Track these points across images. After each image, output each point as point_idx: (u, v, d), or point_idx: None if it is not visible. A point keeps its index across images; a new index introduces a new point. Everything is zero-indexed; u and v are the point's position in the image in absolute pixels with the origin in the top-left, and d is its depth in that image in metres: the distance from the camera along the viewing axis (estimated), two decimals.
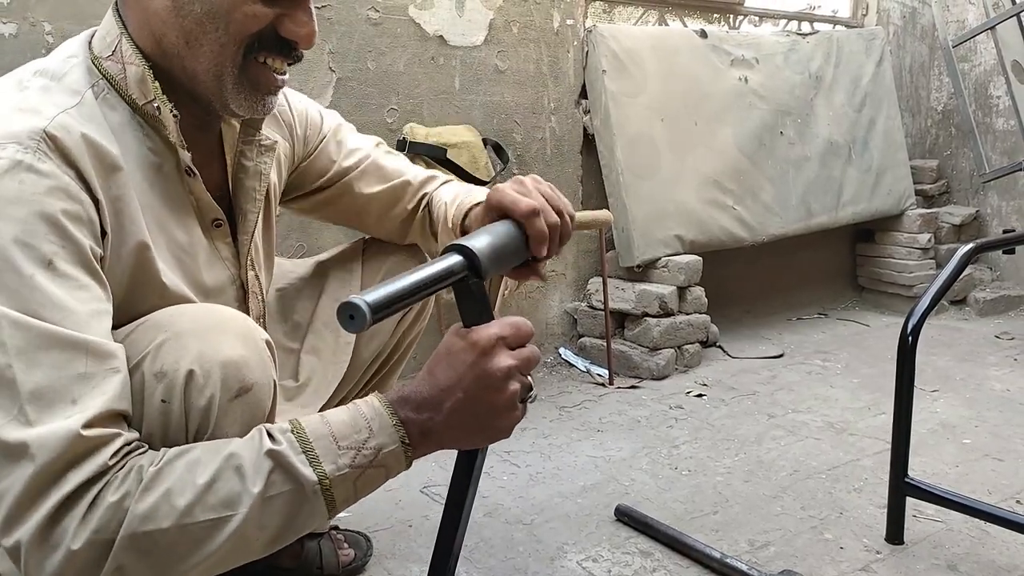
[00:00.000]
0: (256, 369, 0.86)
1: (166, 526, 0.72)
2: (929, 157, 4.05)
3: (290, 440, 0.77)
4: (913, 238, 3.62)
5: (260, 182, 1.05)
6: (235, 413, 0.84)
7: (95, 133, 0.85)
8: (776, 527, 1.66)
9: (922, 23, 3.96)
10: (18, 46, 1.90)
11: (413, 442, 0.81)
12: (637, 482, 1.88)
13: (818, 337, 3.23)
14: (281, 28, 0.90)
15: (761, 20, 3.58)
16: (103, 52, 0.91)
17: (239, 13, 0.87)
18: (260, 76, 0.93)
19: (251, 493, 0.74)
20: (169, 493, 0.72)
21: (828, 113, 3.41)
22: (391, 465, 0.81)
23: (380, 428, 0.80)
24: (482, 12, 2.62)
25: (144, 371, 0.82)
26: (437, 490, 1.82)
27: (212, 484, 0.73)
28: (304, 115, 1.22)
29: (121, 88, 0.90)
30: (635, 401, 2.46)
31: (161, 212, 0.93)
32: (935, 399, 2.45)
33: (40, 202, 0.77)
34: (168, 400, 0.81)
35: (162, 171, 0.93)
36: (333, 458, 0.77)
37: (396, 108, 2.50)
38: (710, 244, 2.96)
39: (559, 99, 2.84)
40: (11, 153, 0.78)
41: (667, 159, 2.90)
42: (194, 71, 0.90)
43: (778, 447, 2.08)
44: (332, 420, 0.80)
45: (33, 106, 0.83)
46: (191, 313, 0.88)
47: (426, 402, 0.81)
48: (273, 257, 1.20)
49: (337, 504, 0.79)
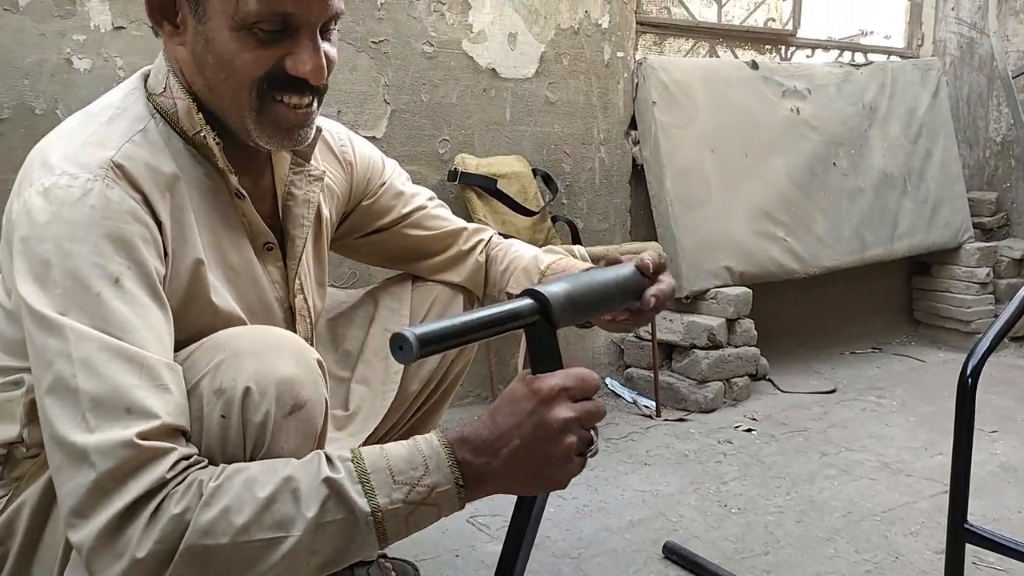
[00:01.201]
0: (308, 387, 0.89)
1: (224, 542, 0.74)
2: (988, 189, 3.96)
3: (348, 469, 0.79)
4: (971, 272, 3.53)
5: (308, 210, 1.09)
6: (289, 429, 0.86)
7: (157, 158, 0.91)
8: (829, 570, 1.62)
9: (980, 53, 3.89)
10: (92, 80, 1.99)
11: (467, 484, 0.81)
12: (685, 518, 1.85)
13: (872, 372, 3.16)
14: (287, 66, 0.93)
15: (814, 51, 3.55)
16: (156, 88, 0.97)
17: (239, 60, 0.91)
18: (279, 114, 0.95)
19: (305, 517, 0.76)
20: (228, 510, 0.75)
21: (883, 144, 3.36)
22: (444, 504, 0.81)
23: (436, 467, 0.80)
24: (533, 45, 2.66)
25: (204, 388, 0.85)
26: (484, 520, 1.83)
27: (270, 505, 0.76)
28: (367, 159, 1.27)
29: (173, 121, 0.96)
30: (683, 434, 2.43)
31: (216, 232, 0.98)
32: (995, 440, 2.37)
33: (109, 225, 0.83)
34: (227, 415, 0.84)
35: (217, 195, 0.98)
36: (388, 491, 0.79)
37: (448, 139, 2.54)
38: (760, 276, 2.93)
39: (608, 130, 2.85)
40: (82, 183, 0.84)
41: (717, 190, 2.89)
42: (222, 112, 0.96)
43: (831, 487, 2.04)
44: (391, 453, 0.81)
45: (101, 138, 0.90)
46: (249, 334, 0.91)
47: (484, 445, 0.81)
48: (325, 285, 1.23)
49: (388, 537, 0.80)
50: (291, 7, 0.89)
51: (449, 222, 1.35)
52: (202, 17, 0.90)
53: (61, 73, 1.97)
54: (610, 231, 2.89)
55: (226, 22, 0.89)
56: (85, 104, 0.99)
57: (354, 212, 1.27)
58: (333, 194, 1.21)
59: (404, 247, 1.33)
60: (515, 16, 2.61)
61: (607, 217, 2.88)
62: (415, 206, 1.32)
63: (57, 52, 1.96)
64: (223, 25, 0.89)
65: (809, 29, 3.51)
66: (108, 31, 2.01)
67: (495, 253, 1.34)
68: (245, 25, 0.89)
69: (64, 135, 0.92)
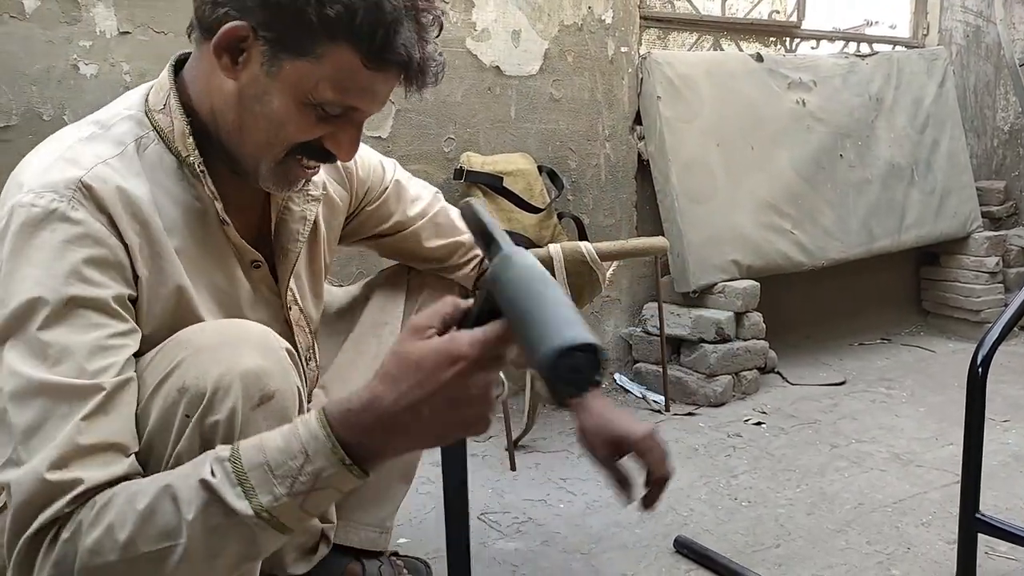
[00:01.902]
0: (277, 377, 0.88)
1: (113, 559, 0.74)
2: (996, 178, 3.94)
3: (226, 471, 0.75)
4: (980, 261, 3.51)
5: (304, 226, 1.10)
6: (259, 422, 0.85)
7: (131, 183, 0.90)
8: (841, 562, 1.62)
9: (986, 42, 3.86)
10: (99, 85, 2.00)
11: (360, 460, 0.74)
12: (696, 512, 1.85)
13: (881, 363, 3.15)
14: (327, 141, 0.95)
15: (818, 42, 3.54)
16: (156, 105, 0.97)
17: (292, 126, 0.92)
18: (295, 171, 0.98)
19: (188, 524, 0.74)
20: (111, 527, 0.74)
21: (889, 135, 3.35)
22: (338, 483, 0.75)
23: (316, 452, 0.74)
24: (537, 42, 2.66)
25: (167, 389, 0.85)
26: (495, 517, 1.83)
27: (151, 516, 0.74)
28: (368, 165, 1.27)
29: (169, 140, 0.96)
30: (692, 428, 2.43)
31: (202, 256, 0.98)
32: (1006, 429, 2.37)
33: (67, 249, 0.83)
34: (191, 415, 0.83)
35: (205, 218, 0.99)
36: (269, 488, 0.74)
37: (453, 137, 2.54)
38: (768, 269, 2.93)
39: (613, 126, 2.85)
40: (47, 202, 0.84)
41: (723, 184, 2.88)
42: (238, 147, 0.96)
43: (841, 479, 2.04)
44: (268, 447, 0.76)
45: (75, 156, 0.89)
46: (209, 329, 0.91)
47: (382, 420, 0.72)
48: (321, 296, 1.24)
49: (289, 527, 0.77)
50: (360, 104, 0.92)
51: (448, 233, 1.36)
52: (273, 74, 0.89)
53: (68, 79, 1.98)
54: (616, 226, 2.89)
55: (295, 92, 0.89)
56: (92, 109, 0.99)
57: (356, 217, 1.28)
58: (333, 206, 1.21)
59: (407, 252, 1.37)
60: (518, 13, 2.61)
61: (613, 213, 2.88)
62: (418, 211, 1.33)
63: (64, 58, 1.97)
64: (289, 91, 0.89)
65: (813, 20, 3.50)
66: (114, 36, 2.02)
67: None
68: (312, 102, 0.90)
69: (43, 151, 0.92)
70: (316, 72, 0.88)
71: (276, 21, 0.87)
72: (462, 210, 0.81)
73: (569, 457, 2.21)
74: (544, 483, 2.04)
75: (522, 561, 1.64)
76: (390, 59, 0.89)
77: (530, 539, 1.74)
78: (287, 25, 0.86)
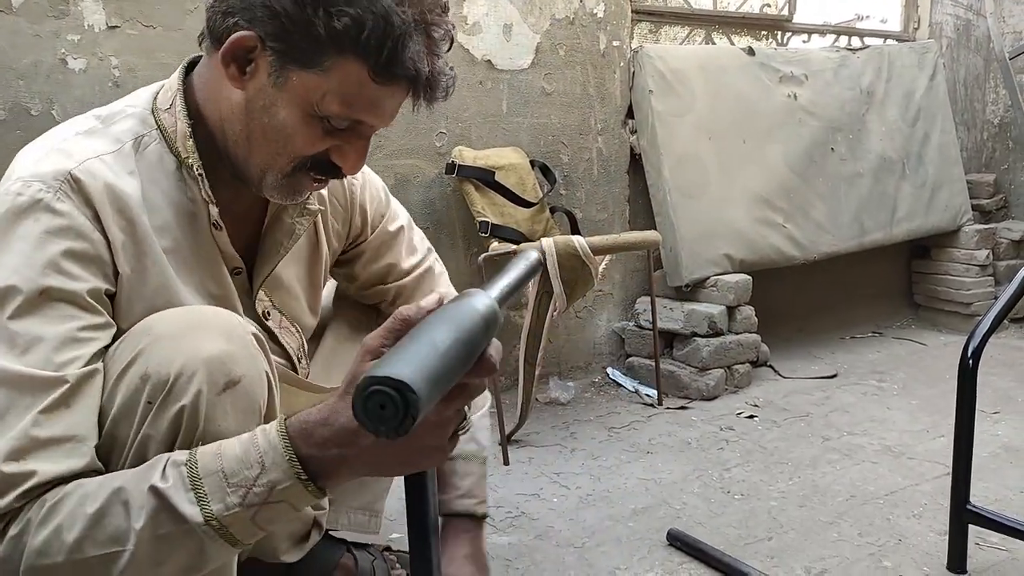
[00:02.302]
0: (243, 362, 0.87)
1: (60, 560, 0.73)
2: (986, 171, 3.95)
3: (180, 475, 0.75)
4: (971, 254, 3.53)
5: (290, 238, 1.07)
6: (225, 407, 0.84)
7: (122, 181, 0.90)
8: (833, 554, 1.63)
9: (976, 35, 3.88)
10: (87, 80, 1.99)
11: (316, 476, 0.75)
12: (689, 505, 1.86)
13: (873, 356, 3.16)
14: (333, 155, 0.94)
15: (810, 36, 3.54)
16: (163, 104, 0.97)
17: (300, 138, 0.91)
18: (302, 184, 0.97)
19: (135, 530, 0.73)
20: (60, 528, 0.73)
21: (880, 128, 3.36)
22: (292, 500, 0.75)
23: (273, 463, 0.74)
24: (529, 36, 2.65)
25: (130, 376, 0.84)
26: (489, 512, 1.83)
27: (100, 519, 0.74)
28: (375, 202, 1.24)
29: (171, 140, 0.96)
30: (685, 422, 2.44)
31: (193, 257, 0.97)
32: (996, 421, 2.38)
33: (47, 239, 0.82)
34: (153, 401, 0.82)
35: (197, 220, 0.97)
36: (221, 496, 0.74)
37: (445, 132, 2.54)
38: (760, 263, 2.93)
39: (606, 120, 2.85)
40: (33, 192, 0.84)
41: (715, 178, 2.89)
42: (245, 159, 0.95)
43: (833, 471, 2.04)
44: (225, 454, 0.76)
45: (69, 148, 0.89)
46: (171, 316, 0.89)
47: (338, 435, 0.73)
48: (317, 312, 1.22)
49: (240, 539, 0.76)
50: (367, 118, 0.91)
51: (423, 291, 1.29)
52: (280, 85, 0.88)
53: (56, 73, 1.96)
54: (609, 221, 2.89)
55: (302, 103, 0.88)
56: (80, 104, 1.00)
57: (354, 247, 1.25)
58: (335, 233, 1.19)
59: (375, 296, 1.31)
60: (510, 7, 2.60)
61: (606, 207, 2.88)
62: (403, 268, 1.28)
63: (52, 52, 1.96)
64: (297, 103, 0.88)
65: (805, 14, 3.50)
66: (102, 31, 2.01)
67: None
68: (318, 115, 0.89)
69: (41, 141, 0.92)
70: (323, 85, 0.87)
71: (284, 32, 0.86)
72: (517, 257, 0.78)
73: (563, 451, 2.22)
74: (538, 477, 2.04)
75: (516, 555, 1.64)
76: (398, 73, 0.88)
77: (524, 533, 1.74)
78: (295, 36, 0.86)
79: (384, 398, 0.54)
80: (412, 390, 0.54)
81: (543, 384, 2.69)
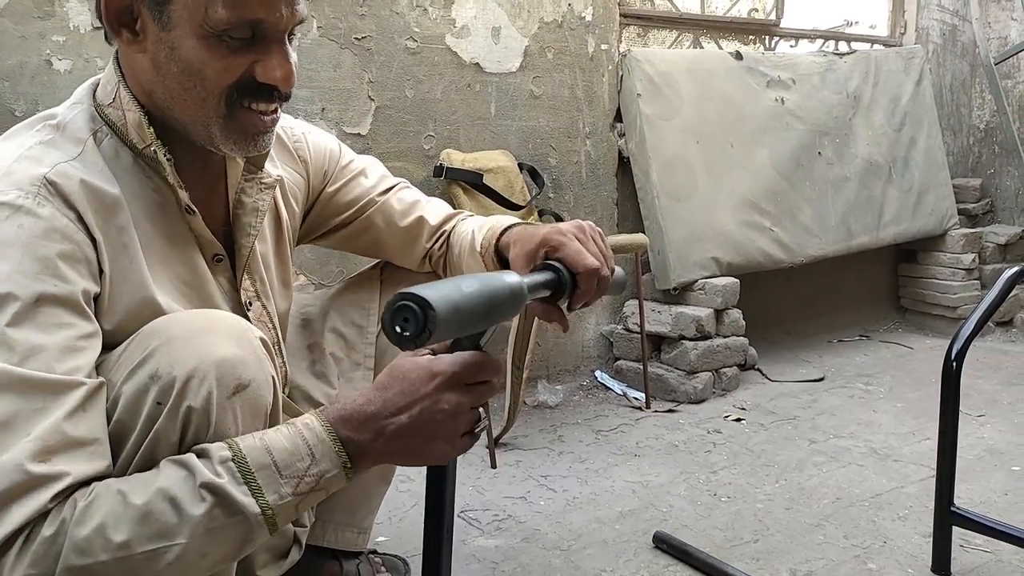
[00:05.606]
0: (252, 366, 0.88)
1: (105, 559, 0.73)
2: (972, 176, 3.98)
3: (231, 470, 0.78)
4: (957, 258, 3.55)
5: (257, 218, 1.07)
6: (235, 410, 0.85)
7: (95, 178, 0.89)
8: (819, 556, 1.63)
9: (962, 40, 3.91)
10: (72, 81, 1.97)
11: (353, 462, 0.83)
12: (675, 508, 1.86)
13: (860, 360, 3.18)
14: (257, 74, 0.92)
15: (797, 41, 3.56)
16: (105, 100, 0.95)
17: (210, 69, 0.89)
18: (247, 120, 0.94)
19: (190, 524, 0.75)
20: (103, 527, 0.73)
21: (867, 133, 3.38)
22: (331, 487, 0.83)
23: (323, 454, 0.81)
24: (517, 39, 2.66)
25: (139, 378, 0.83)
26: (474, 515, 1.83)
27: (147, 517, 0.74)
28: (323, 150, 1.24)
29: (122, 133, 0.94)
30: (672, 425, 2.44)
31: (165, 250, 0.96)
32: (981, 424, 2.40)
33: (35, 244, 0.82)
34: (163, 402, 0.82)
35: (165, 210, 0.97)
36: (275, 488, 0.79)
37: (433, 135, 2.54)
38: (748, 266, 2.94)
39: (594, 123, 2.85)
40: (12, 198, 0.83)
41: (703, 181, 2.90)
42: (183, 121, 0.94)
43: (820, 474, 2.05)
44: (274, 447, 0.81)
45: (37, 155, 0.88)
46: (182, 319, 0.90)
47: (369, 421, 0.83)
48: (290, 285, 1.21)
49: (279, 526, 0.81)
50: (262, 14, 0.89)
51: (411, 212, 1.29)
52: (166, 25, 0.88)
53: (41, 75, 1.95)
54: (597, 224, 2.87)
55: (193, 30, 0.87)
56: None
57: (316, 204, 1.25)
58: (292, 193, 1.19)
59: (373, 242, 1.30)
60: (498, 10, 2.61)
61: (594, 210, 2.88)
62: (381, 190, 1.28)
63: (37, 54, 1.95)
64: (190, 33, 0.88)
65: (792, 19, 3.52)
66: (87, 32, 2.00)
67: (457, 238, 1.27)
68: (214, 33, 0.88)
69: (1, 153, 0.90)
70: None
71: None
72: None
73: (550, 454, 2.21)
74: (525, 480, 2.04)
75: (502, 558, 1.64)
76: None
77: (510, 536, 1.74)
78: None
79: (408, 312, 0.66)
80: (431, 307, 0.65)
81: (531, 387, 2.68)
